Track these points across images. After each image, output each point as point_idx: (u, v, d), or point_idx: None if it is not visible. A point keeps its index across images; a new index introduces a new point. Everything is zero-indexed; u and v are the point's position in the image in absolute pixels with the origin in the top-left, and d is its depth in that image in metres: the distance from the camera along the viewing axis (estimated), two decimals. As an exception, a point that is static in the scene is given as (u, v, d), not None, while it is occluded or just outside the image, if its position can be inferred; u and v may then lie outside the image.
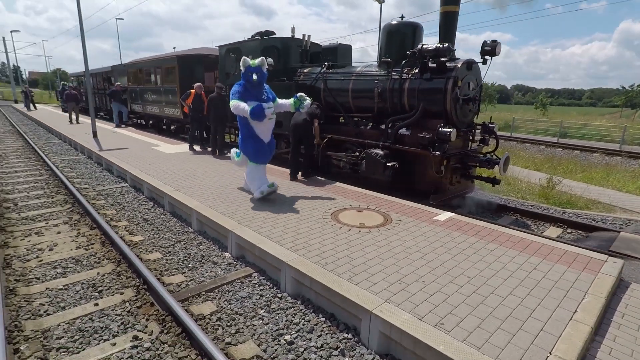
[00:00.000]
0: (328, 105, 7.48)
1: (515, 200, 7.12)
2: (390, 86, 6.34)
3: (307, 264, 3.50)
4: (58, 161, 9.57)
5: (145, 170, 7.25)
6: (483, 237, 4.19)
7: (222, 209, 5.04)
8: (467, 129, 6.32)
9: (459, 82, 5.59)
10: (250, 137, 5.30)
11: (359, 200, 5.58)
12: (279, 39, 8.40)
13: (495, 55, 5.57)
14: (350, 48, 7.85)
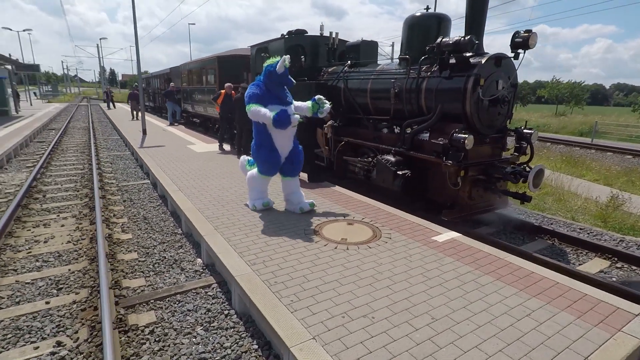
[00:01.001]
0: (348, 106, 7.01)
1: (561, 220, 5.97)
2: (408, 86, 5.68)
3: (254, 281, 3.15)
4: (105, 156, 10.37)
5: (164, 168, 7.46)
6: (480, 267, 3.45)
7: (209, 212, 4.89)
8: (498, 135, 5.43)
9: (481, 81, 4.78)
10: (265, 146, 4.73)
11: (358, 210, 5.06)
12: (305, 37, 8.10)
13: (528, 48, 4.66)
14: (375, 45, 7.27)
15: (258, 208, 4.95)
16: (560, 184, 7.90)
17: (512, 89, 5.29)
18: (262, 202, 4.98)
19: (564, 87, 36.15)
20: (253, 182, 5.01)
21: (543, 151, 12.35)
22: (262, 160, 4.81)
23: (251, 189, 5.08)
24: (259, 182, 4.98)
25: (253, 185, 5.03)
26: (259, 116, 4.49)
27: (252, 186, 5.04)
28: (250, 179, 5.04)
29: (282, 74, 4.59)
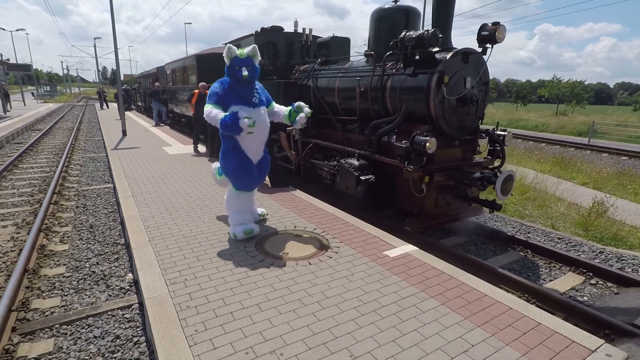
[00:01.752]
0: (318, 106, 6.62)
1: (540, 229, 5.55)
2: (373, 84, 5.29)
3: (164, 305, 2.78)
4: (78, 159, 10.04)
5: (128, 172, 7.10)
6: (427, 289, 3.06)
7: (153, 220, 4.52)
8: (469, 137, 5.02)
9: (445, 79, 4.38)
10: (231, 152, 3.91)
11: (313, 219, 4.67)
12: (276, 34, 7.73)
13: (496, 42, 4.26)
14: (347, 41, 6.88)
15: (239, 237, 3.92)
16: (545, 188, 7.47)
17: (483, 87, 4.88)
18: (243, 229, 3.94)
19: (564, 86, 35.50)
20: (230, 202, 4.10)
21: (535, 152, 11.90)
22: (231, 171, 3.97)
23: (230, 212, 4.14)
24: (236, 201, 4.05)
25: (231, 206, 4.09)
26: (210, 117, 3.78)
27: (231, 207, 4.10)
28: (227, 200, 4.14)
29: (230, 68, 3.90)
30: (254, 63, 3.90)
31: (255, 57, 3.93)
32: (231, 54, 3.82)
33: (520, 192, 7.24)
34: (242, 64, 3.80)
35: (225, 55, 3.84)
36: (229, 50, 3.81)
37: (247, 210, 4.18)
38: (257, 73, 4.03)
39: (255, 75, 3.98)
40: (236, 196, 4.07)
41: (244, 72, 3.77)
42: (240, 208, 4.09)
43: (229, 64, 3.85)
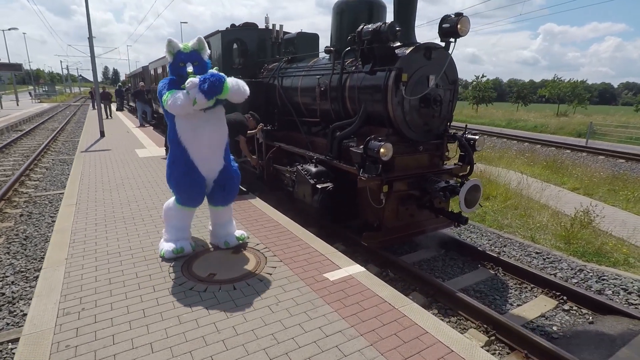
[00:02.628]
0: (283, 107, 6.18)
1: (518, 241, 5.08)
2: (333, 83, 4.84)
3: (41, 342, 2.34)
4: (48, 161, 9.66)
5: (85, 176, 6.68)
6: (358, 323, 2.60)
7: (82, 234, 4.10)
8: (437, 141, 4.56)
9: (403, 77, 3.92)
10: (179, 159, 3.34)
11: (261, 231, 4.23)
12: (244, 31, 7.30)
13: (459, 36, 3.79)
14: (316, 37, 6.44)
15: (167, 256, 3.43)
16: (531, 194, 6.99)
17: (450, 86, 4.41)
18: (173, 247, 3.46)
19: (564, 86, 34.81)
20: (168, 215, 3.56)
21: (526, 154, 11.40)
22: (174, 182, 3.43)
23: (166, 224, 3.62)
24: (176, 215, 3.51)
25: (168, 219, 3.57)
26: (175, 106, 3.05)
27: (168, 221, 3.58)
28: (167, 210, 3.58)
29: (172, 65, 3.29)
30: (201, 58, 3.34)
31: (203, 51, 3.36)
32: (173, 48, 3.25)
33: (503, 198, 6.77)
34: (186, 60, 3.27)
35: (166, 51, 3.29)
36: (169, 44, 3.24)
37: (185, 227, 3.67)
38: (207, 69, 3.39)
39: (204, 71, 3.32)
40: (177, 210, 3.52)
41: (189, 68, 3.25)
42: (178, 223, 3.58)
43: (171, 61, 3.30)
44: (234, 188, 3.69)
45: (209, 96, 3.08)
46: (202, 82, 3.06)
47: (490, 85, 38.97)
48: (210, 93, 3.06)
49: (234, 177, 3.66)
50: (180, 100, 3.08)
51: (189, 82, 3.08)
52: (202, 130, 3.32)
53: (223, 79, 3.12)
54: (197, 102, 3.06)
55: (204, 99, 3.07)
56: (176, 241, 3.54)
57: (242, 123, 5.62)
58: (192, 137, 3.31)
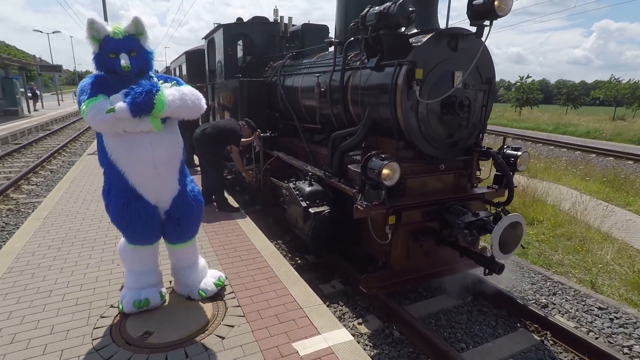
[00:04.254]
0: (285, 110, 5.32)
1: (573, 288, 3.89)
2: (333, 82, 3.92)
3: None
4: (59, 162, 9.42)
5: (78, 182, 6.17)
6: None
7: (25, 260, 3.46)
8: (465, 156, 3.51)
9: (418, 73, 2.92)
10: (115, 185, 2.53)
11: (235, 266, 3.39)
12: (249, 25, 6.54)
13: (497, 15, 2.74)
14: (324, 29, 5.51)
15: (127, 310, 2.64)
16: (588, 219, 5.67)
17: (484, 86, 3.35)
18: (134, 297, 2.65)
19: (623, 87, 31.42)
20: (124, 257, 2.75)
21: (579, 166, 9.82)
22: (113, 216, 2.58)
23: (125, 268, 2.83)
24: (132, 258, 2.69)
25: (125, 263, 2.78)
26: (97, 119, 2.24)
27: (125, 265, 2.81)
28: (120, 251, 2.75)
29: (98, 56, 2.43)
30: (141, 46, 2.46)
31: (142, 37, 2.47)
32: (98, 32, 2.37)
33: (552, 224, 5.51)
34: (119, 49, 2.38)
35: (87, 37, 2.38)
36: (91, 26, 2.35)
37: (150, 270, 2.77)
38: (150, 61, 2.57)
39: (146, 65, 2.54)
40: (131, 251, 2.66)
41: (123, 61, 2.37)
42: (138, 267, 2.70)
43: (97, 51, 2.42)
44: (193, 220, 2.78)
45: (135, 113, 2.26)
46: (124, 95, 2.26)
47: (536, 86, 36.14)
48: (135, 110, 2.24)
49: (192, 205, 2.73)
50: (104, 115, 2.26)
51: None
52: (140, 145, 2.42)
53: (153, 92, 2.27)
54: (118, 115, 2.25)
55: (129, 114, 2.25)
56: (140, 290, 2.69)
57: (233, 131, 4.84)
58: (128, 156, 2.42)
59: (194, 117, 2.61)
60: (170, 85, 2.55)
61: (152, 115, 2.35)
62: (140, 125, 2.37)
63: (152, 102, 2.29)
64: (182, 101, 2.44)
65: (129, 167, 2.49)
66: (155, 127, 2.41)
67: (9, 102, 19.22)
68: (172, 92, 2.43)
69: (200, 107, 2.56)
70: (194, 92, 2.55)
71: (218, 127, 4.84)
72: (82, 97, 2.37)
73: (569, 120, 26.54)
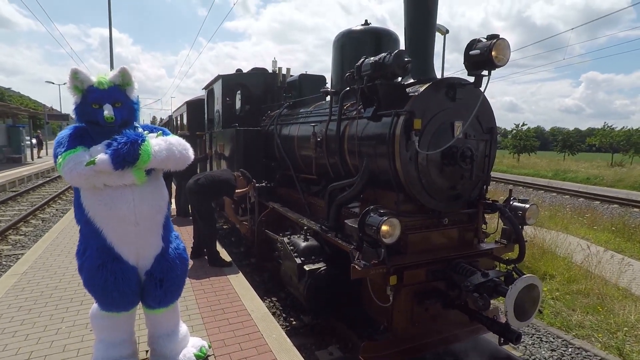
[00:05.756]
0: (282, 160, 5.21)
1: (597, 355, 3.49)
2: (329, 132, 3.82)
3: None
4: (52, 210, 9.20)
5: (71, 230, 5.91)
6: None
7: (-11, 325, 3.13)
8: (469, 209, 3.30)
9: (416, 123, 2.80)
10: (90, 244, 2.30)
11: (222, 332, 3.05)
12: (247, 75, 6.65)
13: (495, 65, 2.66)
14: (321, 79, 5.56)
15: None
16: (604, 273, 5.31)
17: (486, 136, 3.22)
18: None
19: (617, 134, 31.97)
20: (95, 325, 2.45)
21: (586, 215, 9.55)
22: (85, 280, 2.30)
23: (95, 337, 2.52)
24: (104, 326, 2.40)
25: (96, 331, 2.48)
26: (74, 174, 2.07)
27: (95, 333, 2.50)
28: (92, 318, 2.45)
29: (80, 107, 2.28)
30: (126, 97, 2.34)
31: (128, 87, 2.35)
32: (81, 82, 2.23)
33: (565, 278, 5.16)
34: (102, 99, 2.24)
35: (69, 87, 2.24)
36: (75, 76, 2.21)
37: (123, 340, 2.42)
38: (135, 112, 2.45)
39: (131, 116, 2.40)
40: (104, 318, 2.36)
41: (107, 111, 2.22)
42: (109, 337, 2.39)
43: (79, 101, 2.27)
44: (177, 282, 2.48)
45: (117, 165, 2.10)
46: (106, 146, 2.12)
47: (532, 133, 36.82)
48: (117, 162, 2.09)
49: (176, 265, 2.47)
50: (82, 168, 2.10)
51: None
52: (121, 200, 2.21)
53: (138, 142, 2.14)
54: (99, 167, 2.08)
55: (111, 166, 2.09)
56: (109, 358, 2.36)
57: (227, 182, 4.70)
58: (107, 212, 2.21)
59: (180, 168, 2.46)
60: (156, 135, 2.42)
61: (135, 167, 2.20)
62: (122, 179, 2.20)
63: (137, 152, 2.14)
64: (169, 151, 2.30)
65: (107, 224, 2.27)
66: (138, 179, 2.24)
67: (13, 149, 19.46)
68: (159, 142, 2.28)
69: (187, 157, 2.42)
70: (181, 142, 2.41)
71: (212, 178, 4.70)
72: (59, 149, 2.20)
73: (567, 167, 26.64)
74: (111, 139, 2.15)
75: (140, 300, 2.45)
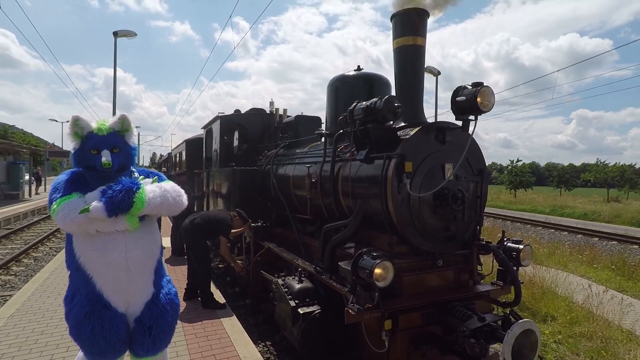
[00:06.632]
0: (277, 200, 5.24)
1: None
2: (324, 173, 3.88)
3: None
4: (46, 249, 9.07)
5: (61, 273, 5.80)
6: None
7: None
8: (463, 250, 3.29)
9: (407, 166, 2.86)
10: (79, 290, 2.29)
11: (209, 384, 2.92)
12: (244, 116, 6.83)
13: (480, 111, 2.78)
14: (317, 120, 5.72)
15: None
16: (606, 313, 5.19)
17: (477, 178, 3.28)
18: None
19: (611, 170, 32.40)
20: None
21: (585, 252, 9.47)
22: (71, 327, 2.24)
23: None
24: None
25: None
26: (67, 221, 2.09)
27: None
28: None
29: (79, 152, 2.32)
30: (125, 142, 2.39)
31: (127, 133, 2.41)
32: (81, 129, 2.28)
33: (567, 320, 5.04)
34: (101, 145, 2.28)
35: (69, 133, 2.29)
36: (76, 123, 2.26)
37: None
38: (133, 157, 2.49)
39: (128, 162, 2.45)
40: None
41: (105, 157, 2.26)
42: None
43: (78, 147, 2.31)
44: (167, 329, 2.41)
45: (111, 212, 2.13)
46: (101, 194, 2.15)
47: (527, 169, 37.22)
48: (111, 210, 2.12)
49: (167, 311, 2.40)
50: (76, 215, 2.12)
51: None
52: (114, 246, 2.20)
53: (133, 189, 2.18)
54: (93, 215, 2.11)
55: (105, 214, 2.12)
56: None
57: (224, 222, 4.70)
58: (99, 258, 2.19)
59: (173, 214, 2.49)
60: (152, 180, 2.46)
61: (129, 214, 2.22)
62: (116, 225, 2.21)
63: (132, 200, 2.17)
64: (163, 198, 2.32)
65: (98, 270, 2.24)
66: (131, 226, 2.25)
67: (11, 186, 19.47)
68: (154, 189, 2.32)
69: (181, 204, 2.45)
70: (175, 188, 2.45)
71: (208, 218, 4.70)
72: (54, 195, 2.23)
73: (564, 202, 26.71)
74: (106, 185, 2.19)
75: (127, 348, 2.39)
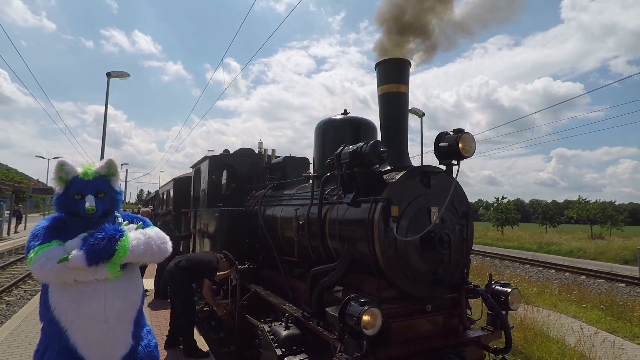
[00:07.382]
0: (265, 241, 5.17)
1: None
2: (311, 215, 3.88)
3: None
4: (19, 293, 8.62)
5: (33, 320, 5.48)
6: None
7: None
8: (452, 294, 3.27)
9: (394, 210, 2.90)
10: (50, 347, 2.18)
11: None
12: (233, 156, 6.89)
13: (462, 156, 2.88)
14: (305, 161, 5.81)
15: None
16: (597, 356, 5.11)
17: (462, 220, 3.33)
18: None
19: (592, 207, 33.26)
20: None
21: (573, 291, 9.46)
22: None
23: None
24: None
25: None
26: (43, 272, 2.05)
27: None
28: None
29: (62, 198, 2.28)
30: (110, 187, 2.37)
31: (113, 178, 2.40)
32: (66, 174, 2.27)
33: (560, 364, 4.93)
34: (86, 190, 2.24)
35: (54, 177, 2.28)
36: (61, 168, 2.25)
37: None
38: (117, 203, 2.47)
39: (113, 207, 2.42)
40: None
41: (88, 203, 2.20)
42: None
43: (62, 192, 2.28)
44: None
45: (92, 261, 2.08)
46: (82, 241, 2.11)
47: (512, 206, 37.89)
48: (92, 259, 2.07)
49: None
50: (54, 265, 2.03)
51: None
52: (92, 296, 2.13)
53: (116, 237, 2.15)
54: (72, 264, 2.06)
55: (85, 263, 2.07)
56: None
57: (210, 264, 4.60)
58: (75, 310, 2.11)
59: (157, 262, 2.45)
60: (136, 227, 2.43)
61: (110, 262, 2.17)
62: (96, 274, 2.15)
63: (114, 248, 2.13)
64: (147, 246, 2.29)
65: (74, 323, 2.15)
66: (112, 274, 2.19)
67: (-11, 224, 18.83)
68: (137, 236, 2.29)
69: (165, 251, 2.42)
70: (160, 235, 2.42)
71: (193, 260, 4.60)
72: (32, 242, 2.18)
73: (550, 239, 27.01)
74: (88, 233, 2.15)
75: None
